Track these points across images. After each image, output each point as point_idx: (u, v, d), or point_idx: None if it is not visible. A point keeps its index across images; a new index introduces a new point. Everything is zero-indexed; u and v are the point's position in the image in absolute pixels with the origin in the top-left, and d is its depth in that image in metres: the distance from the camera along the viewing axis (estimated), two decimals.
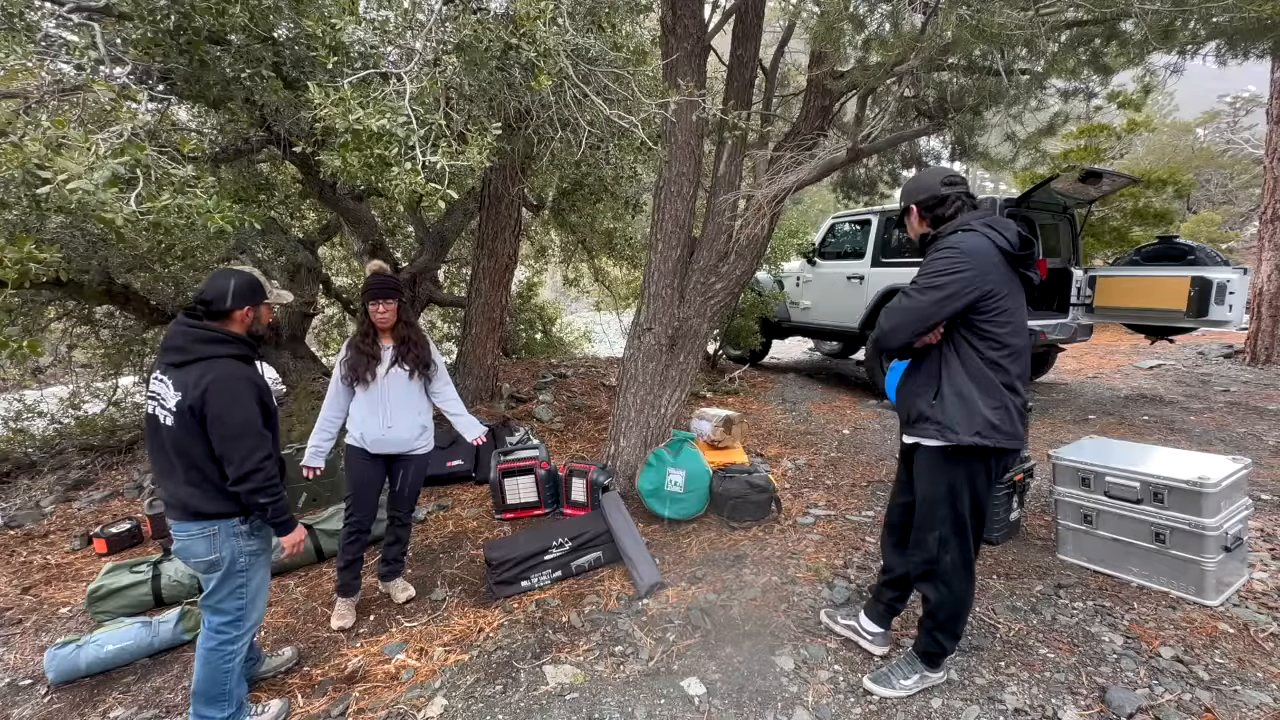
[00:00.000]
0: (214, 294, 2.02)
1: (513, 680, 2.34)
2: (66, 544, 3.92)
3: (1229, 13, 2.55)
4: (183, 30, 2.53)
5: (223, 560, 2.04)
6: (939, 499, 2.05)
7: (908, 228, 2.22)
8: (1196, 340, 9.00)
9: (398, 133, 2.01)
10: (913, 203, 2.14)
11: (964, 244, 1.94)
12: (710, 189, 4.11)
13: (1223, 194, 16.65)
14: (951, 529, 2.04)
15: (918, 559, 2.13)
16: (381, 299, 2.77)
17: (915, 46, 2.94)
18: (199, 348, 1.97)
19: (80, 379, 6.68)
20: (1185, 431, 5.04)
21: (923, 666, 2.17)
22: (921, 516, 2.12)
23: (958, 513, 2.04)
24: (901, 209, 2.21)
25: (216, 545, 2.02)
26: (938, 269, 1.94)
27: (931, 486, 2.07)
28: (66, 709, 2.41)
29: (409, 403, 2.84)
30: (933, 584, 2.09)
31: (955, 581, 2.06)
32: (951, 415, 1.96)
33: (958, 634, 2.14)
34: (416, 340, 2.88)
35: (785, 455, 4.81)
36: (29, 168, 1.95)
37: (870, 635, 2.40)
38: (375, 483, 2.87)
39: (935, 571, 2.08)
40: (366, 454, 2.81)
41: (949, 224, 2.07)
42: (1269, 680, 2.12)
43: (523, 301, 9.68)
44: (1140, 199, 9.67)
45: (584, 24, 2.64)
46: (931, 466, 2.06)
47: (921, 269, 2.01)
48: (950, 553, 2.05)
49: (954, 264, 1.91)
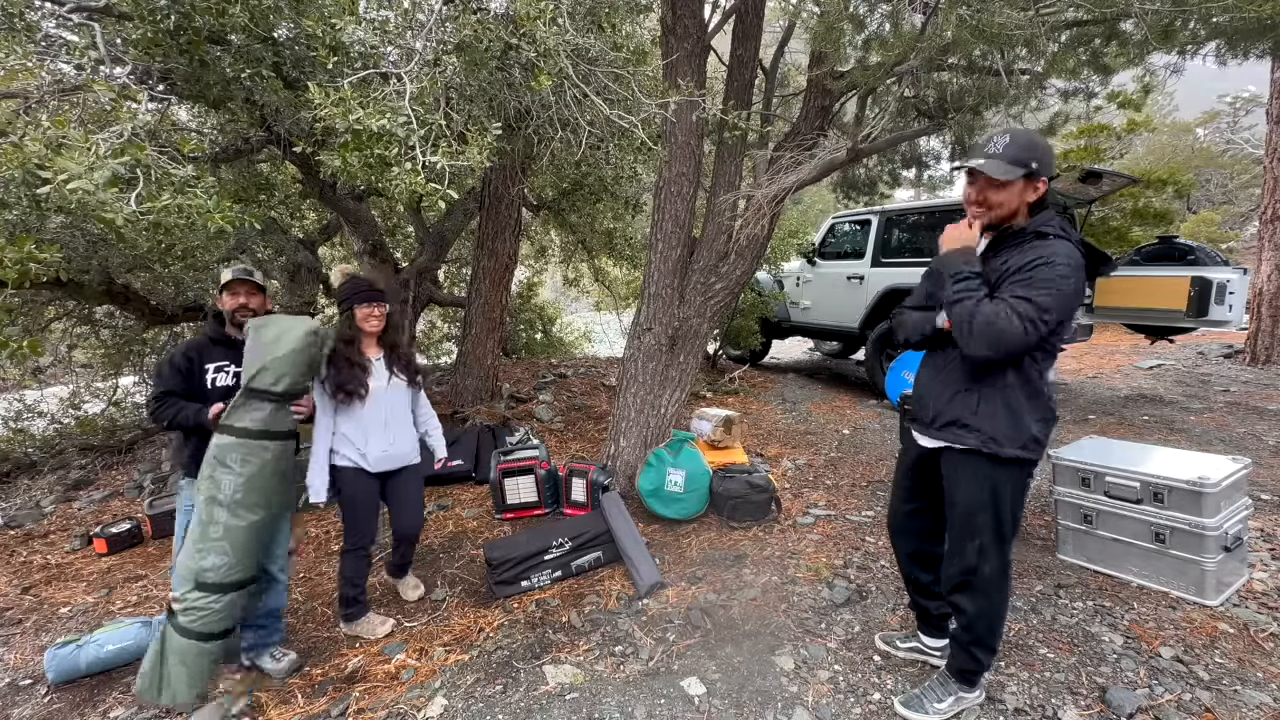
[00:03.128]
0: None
1: (513, 680, 2.34)
2: (66, 544, 3.92)
3: (1229, 13, 2.55)
4: (183, 30, 2.52)
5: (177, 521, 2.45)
6: (980, 506, 1.90)
7: (1000, 196, 1.82)
8: (1196, 340, 9.00)
9: (398, 133, 2.01)
10: (1050, 174, 1.81)
11: (1074, 259, 1.72)
12: (710, 189, 4.11)
13: (1223, 194, 16.66)
14: (993, 537, 1.90)
15: (955, 569, 1.98)
16: (372, 302, 2.63)
17: (915, 46, 2.94)
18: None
19: (80, 379, 6.67)
20: (1185, 431, 5.04)
21: (958, 687, 2.04)
22: (959, 525, 1.96)
23: (999, 520, 1.89)
24: (1031, 172, 1.79)
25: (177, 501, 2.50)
26: (1059, 302, 1.68)
27: (971, 493, 1.91)
28: (66, 709, 2.41)
29: (407, 416, 2.77)
30: (970, 595, 1.95)
31: (994, 591, 1.93)
32: (997, 427, 1.82)
33: (995, 648, 2.01)
34: (401, 344, 2.79)
35: (785, 455, 4.81)
36: (29, 168, 1.95)
37: (937, 650, 2.29)
38: (374, 500, 2.71)
39: (973, 582, 1.94)
40: (365, 473, 2.64)
41: (1041, 217, 1.83)
42: (1269, 680, 2.12)
43: (523, 301, 9.68)
44: (1140, 199, 9.66)
45: (584, 24, 2.64)
46: (972, 472, 1.90)
47: (1035, 279, 1.69)
48: (990, 562, 1.91)
49: (1070, 278, 1.69)
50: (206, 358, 2.43)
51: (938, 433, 1.95)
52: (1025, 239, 1.81)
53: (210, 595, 2.10)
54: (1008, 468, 1.86)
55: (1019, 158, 1.79)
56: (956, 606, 2.00)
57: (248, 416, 2.19)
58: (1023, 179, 1.80)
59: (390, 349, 2.75)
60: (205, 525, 2.12)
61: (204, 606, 2.10)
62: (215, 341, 2.47)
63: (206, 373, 2.41)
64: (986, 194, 1.84)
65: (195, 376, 2.40)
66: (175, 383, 2.36)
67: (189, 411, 2.32)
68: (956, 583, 1.98)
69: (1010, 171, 1.79)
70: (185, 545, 2.17)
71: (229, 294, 2.43)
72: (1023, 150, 1.79)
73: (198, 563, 2.10)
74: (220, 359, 2.45)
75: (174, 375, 2.37)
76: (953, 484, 1.96)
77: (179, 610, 2.09)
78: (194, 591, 2.09)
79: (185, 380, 2.38)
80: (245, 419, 2.18)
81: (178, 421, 2.32)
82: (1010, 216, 1.86)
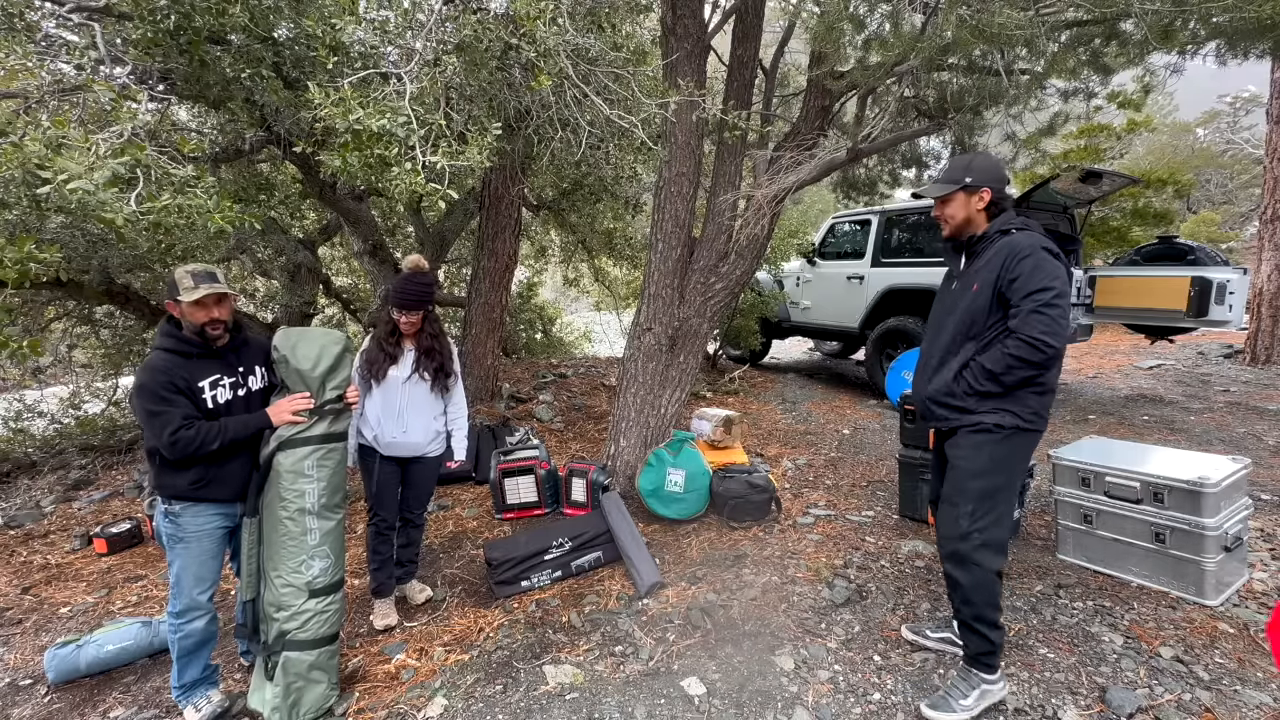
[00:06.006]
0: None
1: (513, 680, 2.34)
2: (66, 544, 3.92)
3: (1229, 13, 2.55)
4: (183, 30, 2.52)
5: (159, 533, 2.22)
6: (975, 473, 2.01)
7: (949, 209, 2.13)
8: (1196, 340, 9.00)
9: (398, 133, 2.01)
10: (989, 184, 2.06)
11: (1037, 241, 1.96)
12: (710, 189, 4.11)
13: (1223, 194, 16.66)
14: (988, 504, 2.00)
15: (946, 534, 2.06)
16: (407, 310, 2.67)
17: (915, 46, 2.93)
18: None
19: (80, 379, 6.68)
20: (1185, 431, 5.04)
21: (978, 675, 2.04)
22: (950, 488, 2.07)
23: (994, 488, 2.00)
24: (965, 186, 2.08)
25: (157, 518, 2.21)
26: (1050, 273, 1.90)
27: (970, 459, 2.03)
28: (66, 709, 2.41)
29: (426, 408, 2.80)
30: (963, 566, 2.01)
31: (986, 558, 1.99)
32: (1002, 403, 1.99)
33: (998, 621, 2.02)
34: (441, 351, 2.81)
35: (785, 455, 4.81)
36: (29, 168, 1.95)
37: None
38: (394, 481, 2.82)
39: (963, 551, 2.01)
40: (381, 454, 2.76)
41: (1001, 219, 2.07)
42: (1269, 680, 2.12)
43: (523, 301, 9.68)
44: (1140, 199, 9.67)
45: (584, 24, 2.64)
46: (977, 441, 2.02)
47: (1023, 273, 1.92)
48: (981, 530, 1.99)
49: (1058, 269, 1.92)
50: (196, 374, 2.09)
51: (948, 417, 2.10)
52: (991, 240, 2.07)
53: (326, 598, 2.23)
54: (1009, 437, 2.00)
55: (952, 176, 2.13)
56: (951, 579, 2.07)
57: (318, 426, 2.23)
58: (961, 192, 2.10)
59: (425, 352, 2.78)
60: (300, 537, 2.18)
61: (323, 609, 2.21)
62: (196, 355, 2.12)
63: (203, 391, 2.10)
64: (941, 210, 2.17)
65: (194, 398, 2.08)
66: (186, 405, 2.05)
67: (237, 424, 2.10)
68: (948, 550, 2.07)
69: (945, 189, 2.12)
70: (276, 567, 2.17)
71: (198, 308, 2.06)
72: (956, 170, 2.13)
73: (305, 575, 2.18)
74: (211, 373, 2.14)
75: (179, 399, 2.04)
76: (954, 449, 2.10)
77: (295, 627, 2.16)
78: (309, 601, 2.19)
79: (189, 403, 2.07)
80: (316, 428, 2.22)
81: (231, 438, 2.07)
82: (966, 224, 2.14)
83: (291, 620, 2.16)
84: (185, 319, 2.10)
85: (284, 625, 2.16)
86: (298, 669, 2.17)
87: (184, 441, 1.99)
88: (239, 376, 2.22)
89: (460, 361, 3.01)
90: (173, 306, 2.10)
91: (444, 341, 2.86)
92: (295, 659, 2.16)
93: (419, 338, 2.78)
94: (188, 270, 2.07)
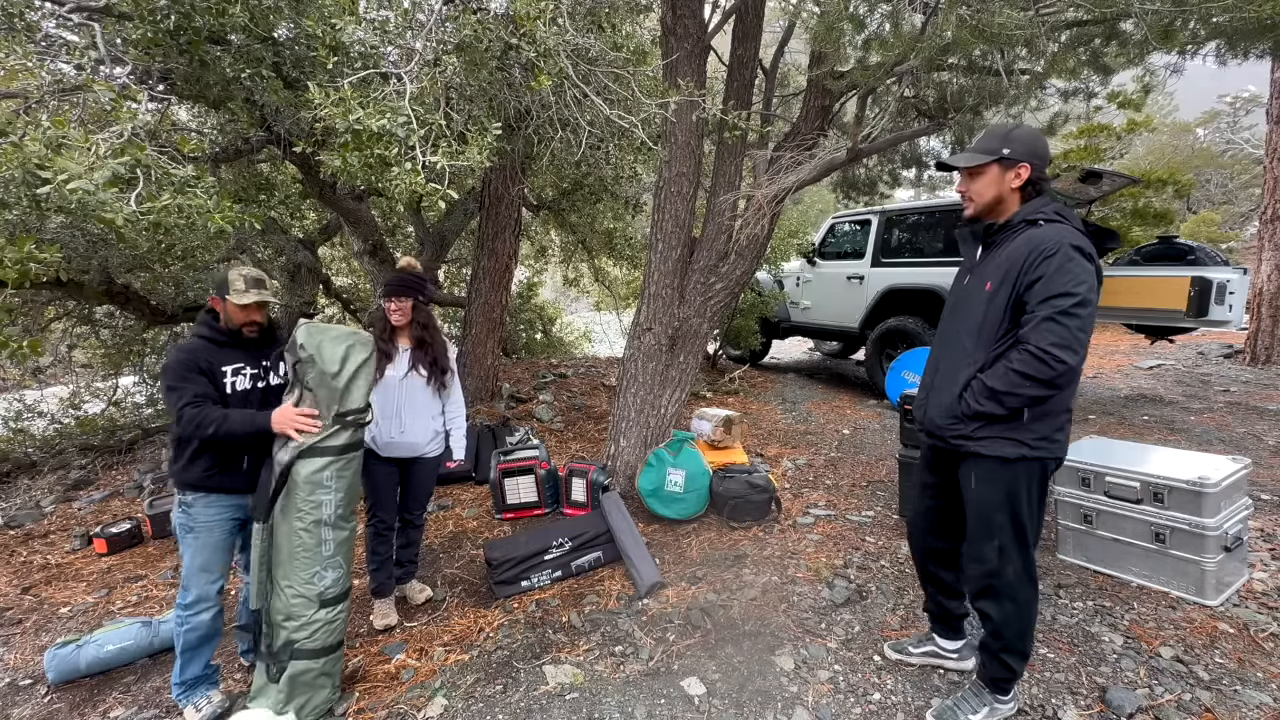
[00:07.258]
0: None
1: (513, 680, 2.34)
2: (66, 544, 3.92)
3: (1229, 13, 2.55)
4: (183, 30, 2.52)
5: (174, 526, 2.28)
6: (996, 505, 1.84)
7: (978, 185, 1.85)
8: (1196, 340, 9.00)
9: (398, 133, 2.01)
10: (1030, 160, 1.78)
11: (1084, 247, 1.68)
12: (710, 189, 4.11)
13: (1223, 194, 16.65)
14: (1012, 537, 1.84)
15: (975, 573, 1.92)
16: (395, 296, 2.71)
17: (915, 46, 2.93)
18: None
19: (80, 379, 6.68)
20: (1185, 431, 5.04)
21: (992, 696, 1.98)
22: (976, 527, 1.91)
23: (1018, 520, 1.84)
24: (1002, 158, 1.80)
25: (174, 511, 2.29)
26: (1076, 277, 1.65)
27: (987, 493, 1.86)
28: (66, 709, 2.41)
29: (424, 408, 2.80)
30: (995, 600, 1.88)
31: (1020, 594, 1.86)
32: (1004, 429, 1.80)
33: (1027, 652, 1.92)
34: (434, 343, 2.81)
35: (785, 455, 4.81)
36: (29, 168, 1.95)
37: (953, 652, 2.24)
38: (393, 481, 2.81)
39: (996, 586, 1.87)
40: (379, 456, 2.74)
41: (1032, 205, 1.80)
42: (1269, 680, 2.12)
43: (523, 301, 9.68)
44: (1140, 199, 9.65)
45: (584, 24, 2.64)
46: (988, 472, 1.85)
47: (1046, 274, 1.67)
48: (1012, 563, 1.85)
49: (1087, 271, 1.67)
50: (221, 360, 2.23)
51: (954, 439, 1.92)
52: (1015, 230, 1.81)
53: (336, 607, 2.24)
54: (1027, 464, 1.82)
55: (988, 146, 1.83)
56: (983, 613, 1.94)
57: (340, 436, 2.21)
58: (995, 164, 1.82)
59: (417, 344, 2.78)
60: (315, 549, 2.17)
61: (333, 619, 2.22)
62: (224, 343, 2.26)
63: (224, 376, 2.23)
64: (968, 185, 1.89)
65: (215, 380, 2.21)
66: (203, 385, 2.16)
67: (240, 418, 2.14)
68: (979, 588, 1.92)
69: (977, 158, 1.83)
70: (287, 576, 2.16)
71: (242, 310, 2.23)
72: (994, 139, 1.83)
73: (318, 585, 2.18)
74: (235, 361, 2.26)
75: (199, 378, 2.17)
76: (969, 482, 1.92)
77: (304, 637, 2.16)
78: (320, 611, 2.19)
79: (209, 384, 2.19)
80: (338, 438, 2.20)
81: (227, 429, 2.11)
82: (995, 204, 1.86)
83: (301, 630, 2.15)
84: (227, 316, 2.26)
85: (292, 635, 2.15)
86: (305, 678, 2.16)
87: (188, 418, 2.10)
88: (261, 370, 2.33)
89: (460, 361, 3.00)
90: (216, 301, 2.27)
91: (436, 334, 2.85)
92: (303, 668, 2.16)
93: (410, 329, 2.78)
94: (240, 274, 2.24)
